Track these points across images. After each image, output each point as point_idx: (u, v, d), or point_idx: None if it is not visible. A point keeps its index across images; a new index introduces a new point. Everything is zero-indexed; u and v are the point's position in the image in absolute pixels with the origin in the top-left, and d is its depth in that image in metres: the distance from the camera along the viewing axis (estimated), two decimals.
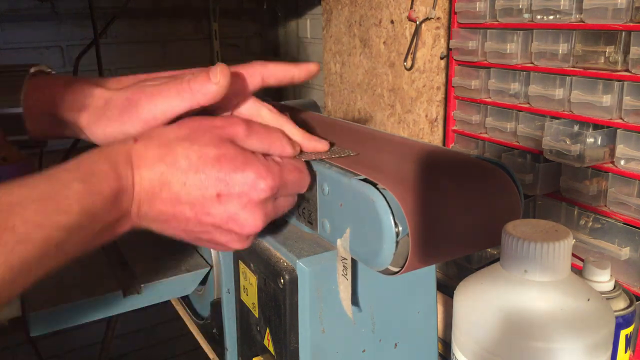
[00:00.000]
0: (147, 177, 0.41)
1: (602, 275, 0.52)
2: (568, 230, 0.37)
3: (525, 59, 0.76)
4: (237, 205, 0.42)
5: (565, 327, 0.35)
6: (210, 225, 0.43)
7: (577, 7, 0.67)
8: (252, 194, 0.42)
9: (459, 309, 0.39)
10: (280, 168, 0.44)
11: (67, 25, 1.38)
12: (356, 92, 1.26)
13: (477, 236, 0.45)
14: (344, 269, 0.46)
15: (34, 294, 0.55)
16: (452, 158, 0.50)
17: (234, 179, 0.42)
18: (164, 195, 0.41)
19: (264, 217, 0.44)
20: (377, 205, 0.40)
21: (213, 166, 0.41)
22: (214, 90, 0.44)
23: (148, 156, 0.41)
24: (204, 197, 0.41)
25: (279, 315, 0.49)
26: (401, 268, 0.41)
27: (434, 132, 1.05)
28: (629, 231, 0.66)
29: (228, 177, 0.41)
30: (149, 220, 0.42)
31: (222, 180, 0.41)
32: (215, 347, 0.66)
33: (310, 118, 0.67)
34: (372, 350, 0.51)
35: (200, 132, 0.43)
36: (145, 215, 0.42)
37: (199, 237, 0.44)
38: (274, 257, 0.50)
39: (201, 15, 1.56)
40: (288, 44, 1.61)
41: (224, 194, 0.42)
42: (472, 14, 0.81)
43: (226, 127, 0.44)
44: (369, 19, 1.17)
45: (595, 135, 0.67)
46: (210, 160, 0.41)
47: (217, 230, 0.43)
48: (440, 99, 1.02)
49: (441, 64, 1.01)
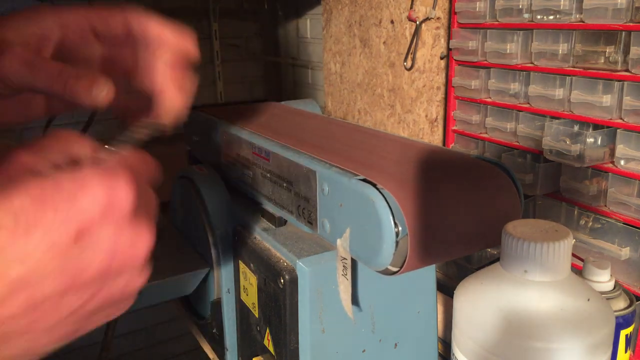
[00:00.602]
0: None
1: (602, 275, 0.52)
2: (568, 230, 0.37)
3: (525, 59, 0.76)
4: (109, 234, 0.28)
5: (565, 327, 0.35)
6: (91, 283, 0.28)
7: (577, 7, 0.67)
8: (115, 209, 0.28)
9: (459, 309, 0.39)
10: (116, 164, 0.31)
11: None
12: (356, 92, 1.26)
13: (477, 236, 0.45)
14: (344, 269, 0.46)
15: None
16: (452, 158, 0.50)
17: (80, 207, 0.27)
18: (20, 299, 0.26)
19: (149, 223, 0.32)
20: (377, 205, 0.40)
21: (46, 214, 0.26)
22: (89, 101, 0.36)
23: None
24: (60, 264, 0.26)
25: (279, 315, 0.49)
26: (401, 268, 0.41)
27: (434, 132, 1.05)
28: (629, 231, 0.66)
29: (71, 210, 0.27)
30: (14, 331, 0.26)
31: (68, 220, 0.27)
32: (215, 347, 0.66)
33: (310, 118, 0.67)
34: (372, 350, 0.51)
35: None
36: None
37: (87, 313, 0.30)
38: (274, 257, 0.50)
39: (201, 15, 1.56)
40: (288, 44, 1.61)
41: (82, 229, 0.27)
42: (472, 14, 0.81)
43: None
44: (369, 19, 1.17)
45: (595, 135, 0.67)
46: None
47: (104, 283, 0.30)
48: (440, 99, 1.02)
49: (441, 64, 1.01)
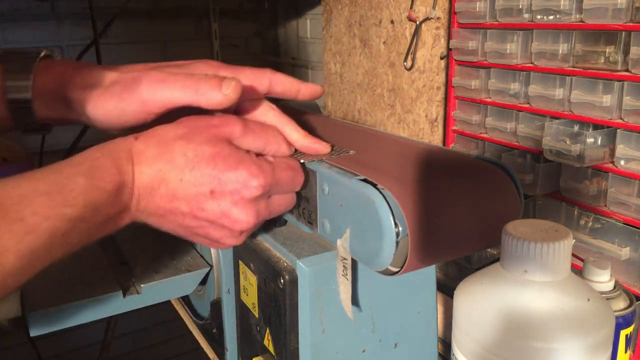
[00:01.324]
0: (147, 173, 0.43)
1: (602, 275, 0.52)
2: (568, 230, 0.37)
3: (525, 59, 0.76)
4: (229, 202, 0.44)
5: (565, 327, 0.35)
6: (205, 220, 0.44)
7: (577, 7, 0.67)
8: (244, 191, 0.44)
9: (459, 309, 0.39)
10: (272, 166, 0.46)
11: (67, 25, 1.38)
12: (356, 92, 1.26)
13: (477, 236, 0.45)
14: (344, 269, 0.46)
15: (34, 294, 0.55)
16: (452, 158, 0.50)
17: (227, 177, 0.43)
18: (162, 191, 0.43)
19: (256, 214, 0.45)
20: (377, 206, 0.40)
21: (207, 164, 0.43)
22: (220, 100, 0.45)
23: (148, 153, 0.43)
24: (198, 194, 0.43)
25: (279, 315, 0.49)
26: (401, 268, 0.41)
27: (434, 132, 1.05)
28: (629, 231, 0.66)
29: (221, 174, 0.43)
30: (147, 214, 0.44)
31: (215, 177, 0.43)
32: (215, 347, 0.66)
33: (310, 118, 0.67)
34: (372, 350, 0.51)
35: (198, 131, 0.44)
36: (143, 209, 0.44)
37: (195, 232, 0.46)
38: (274, 257, 0.50)
39: (201, 15, 1.56)
40: (288, 44, 1.61)
41: (217, 191, 0.43)
42: (472, 14, 0.81)
43: (222, 126, 0.45)
44: (369, 19, 1.17)
45: (595, 135, 0.67)
46: (205, 159, 0.43)
47: (211, 226, 0.45)
48: (440, 99, 1.02)
49: (441, 64, 1.01)
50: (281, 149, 0.48)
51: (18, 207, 0.35)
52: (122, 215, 0.43)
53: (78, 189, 0.38)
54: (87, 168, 0.40)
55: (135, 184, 0.42)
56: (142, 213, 0.44)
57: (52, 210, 0.36)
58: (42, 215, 0.36)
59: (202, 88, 0.45)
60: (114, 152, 0.42)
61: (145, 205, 0.43)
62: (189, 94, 0.45)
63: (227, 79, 0.45)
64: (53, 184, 0.37)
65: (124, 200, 0.42)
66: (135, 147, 0.43)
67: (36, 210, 0.35)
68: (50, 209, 0.36)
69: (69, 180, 0.38)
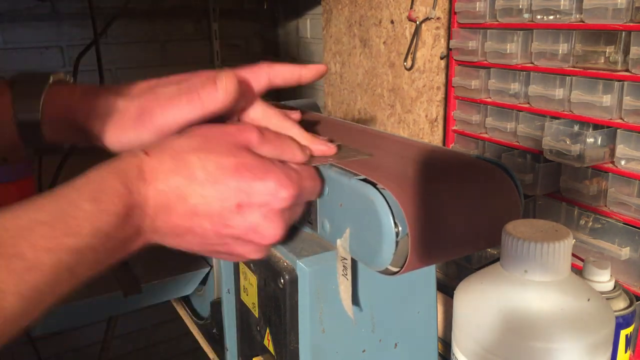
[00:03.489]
0: (162, 190, 0.39)
1: (602, 275, 0.52)
2: (568, 230, 0.37)
3: (525, 59, 0.76)
4: (258, 216, 0.41)
5: (565, 327, 0.35)
6: (229, 237, 0.42)
7: (577, 7, 0.67)
8: (274, 203, 0.41)
9: (459, 309, 0.39)
10: (299, 176, 0.44)
11: (67, 25, 1.38)
12: (356, 92, 1.26)
13: (477, 236, 0.45)
14: (344, 269, 0.46)
15: None
16: (452, 158, 0.50)
17: (255, 189, 0.41)
18: (180, 209, 0.40)
19: (284, 226, 0.43)
20: (377, 206, 0.40)
21: (232, 176, 0.40)
22: (222, 98, 0.44)
23: (162, 169, 0.40)
24: (223, 209, 0.40)
25: (279, 315, 0.49)
26: (401, 268, 0.41)
27: (434, 132, 1.05)
28: (629, 231, 0.66)
29: (248, 186, 0.40)
30: (163, 234, 0.41)
31: (242, 190, 0.40)
32: (215, 347, 0.66)
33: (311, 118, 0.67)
34: (372, 350, 0.51)
35: (214, 140, 0.42)
36: (159, 229, 0.41)
37: (216, 249, 0.43)
38: (274, 257, 0.50)
39: (201, 15, 1.56)
40: (288, 44, 1.61)
41: (245, 204, 0.41)
42: (472, 14, 0.81)
43: (239, 133, 0.43)
44: (369, 19, 1.17)
45: (595, 135, 0.67)
46: (228, 170, 0.40)
47: (236, 242, 0.42)
48: (440, 99, 1.02)
49: (441, 64, 1.01)
50: (297, 157, 0.45)
51: (14, 241, 0.31)
52: (134, 239, 0.39)
53: (83, 215, 0.35)
54: (92, 190, 0.36)
55: (149, 202, 0.39)
56: (157, 234, 0.41)
57: (53, 242, 0.33)
58: (43, 248, 0.32)
59: (203, 95, 0.44)
60: (122, 171, 0.38)
61: (161, 225, 0.40)
62: (197, 106, 0.44)
63: (219, 75, 0.44)
64: (54, 212, 0.34)
65: (135, 222, 0.38)
66: (146, 164, 0.40)
67: (35, 242, 0.32)
68: (52, 241, 0.33)
69: (72, 207, 0.35)
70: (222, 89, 0.43)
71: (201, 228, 0.41)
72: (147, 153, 0.41)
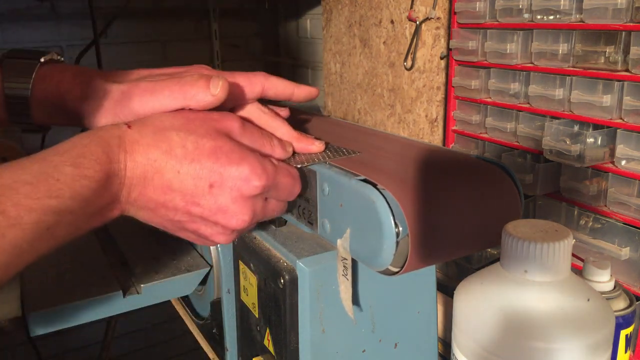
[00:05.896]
0: (141, 162, 0.41)
1: (602, 275, 0.52)
2: (568, 230, 0.37)
3: (525, 59, 0.76)
4: (227, 198, 0.43)
5: (565, 327, 0.35)
6: (198, 216, 0.43)
7: (577, 7, 0.67)
8: (245, 189, 0.43)
9: (459, 309, 0.39)
10: (275, 169, 0.45)
11: (67, 25, 1.38)
12: (356, 92, 1.26)
13: (477, 236, 0.45)
14: (344, 269, 0.46)
15: (34, 294, 0.55)
16: (452, 158, 0.50)
17: (229, 172, 0.42)
18: (156, 182, 0.42)
19: (252, 214, 0.44)
20: (377, 206, 0.40)
21: (209, 157, 0.42)
22: (210, 101, 0.45)
23: (142, 142, 0.41)
24: (196, 187, 0.42)
25: (279, 315, 0.49)
26: (401, 268, 0.41)
27: (434, 132, 1.05)
28: (629, 231, 0.66)
29: (223, 169, 0.42)
30: (137, 207, 0.43)
31: (216, 171, 0.42)
32: (215, 347, 0.66)
33: (310, 118, 0.67)
34: (372, 350, 0.51)
35: (197, 122, 0.44)
36: (134, 201, 0.42)
37: (185, 227, 0.45)
38: (274, 257, 0.50)
39: (201, 15, 1.56)
40: (288, 44, 1.61)
41: (217, 185, 0.42)
42: (472, 14, 0.81)
43: (222, 120, 0.45)
44: (369, 19, 1.17)
45: (595, 135, 0.67)
46: (206, 152, 0.42)
47: (203, 221, 0.44)
48: (440, 99, 1.02)
49: (441, 64, 1.01)
50: (275, 151, 0.47)
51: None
52: (112, 207, 0.41)
53: (64, 178, 0.36)
54: (74, 156, 0.38)
55: (127, 173, 0.41)
56: (132, 205, 0.42)
57: (35, 202, 0.34)
58: (25, 207, 0.34)
59: (190, 91, 0.44)
60: (104, 139, 0.40)
61: (136, 197, 0.42)
62: (178, 99, 0.45)
63: (214, 78, 0.45)
64: (37, 174, 0.35)
65: (113, 190, 0.40)
66: (128, 135, 0.41)
67: (18, 201, 0.33)
68: (34, 201, 0.34)
69: (54, 169, 0.36)
70: (212, 94, 0.45)
71: (172, 203, 0.42)
72: (130, 126, 0.42)
